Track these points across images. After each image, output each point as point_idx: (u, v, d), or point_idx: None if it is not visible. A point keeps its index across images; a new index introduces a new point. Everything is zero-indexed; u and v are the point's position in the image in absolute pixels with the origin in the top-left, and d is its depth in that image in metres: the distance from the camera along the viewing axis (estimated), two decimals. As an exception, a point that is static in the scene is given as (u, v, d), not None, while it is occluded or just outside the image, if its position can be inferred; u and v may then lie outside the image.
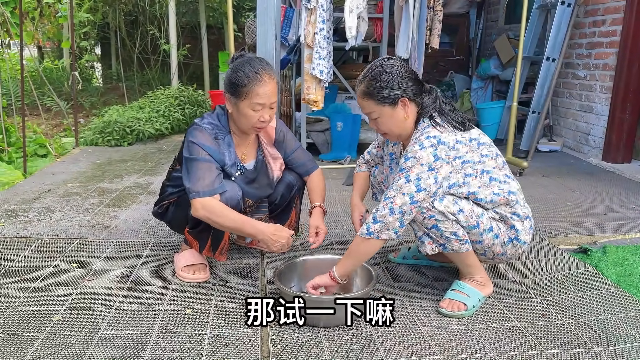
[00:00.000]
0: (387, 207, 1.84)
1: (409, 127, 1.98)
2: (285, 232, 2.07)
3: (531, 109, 5.01)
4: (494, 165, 1.94)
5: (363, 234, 1.89)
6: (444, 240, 1.92)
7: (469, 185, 1.90)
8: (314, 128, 4.83)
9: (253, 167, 2.29)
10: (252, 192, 2.30)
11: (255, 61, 2.08)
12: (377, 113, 1.96)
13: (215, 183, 2.06)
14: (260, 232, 2.04)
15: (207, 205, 2.00)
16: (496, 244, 1.96)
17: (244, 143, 2.26)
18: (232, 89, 2.07)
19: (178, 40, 7.37)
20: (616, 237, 2.77)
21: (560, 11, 4.78)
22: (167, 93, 6.37)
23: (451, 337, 1.83)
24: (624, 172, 4.25)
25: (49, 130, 5.94)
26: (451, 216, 1.86)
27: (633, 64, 4.34)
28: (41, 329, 1.83)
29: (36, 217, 3.02)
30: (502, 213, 1.96)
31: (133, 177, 4.02)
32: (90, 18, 7.31)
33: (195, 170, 2.05)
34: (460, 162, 1.87)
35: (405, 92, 1.92)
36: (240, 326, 1.87)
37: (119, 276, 2.28)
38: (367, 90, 1.95)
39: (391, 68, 1.93)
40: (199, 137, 2.09)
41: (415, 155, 1.84)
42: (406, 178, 1.83)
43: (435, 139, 1.85)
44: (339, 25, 4.66)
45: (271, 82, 2.06)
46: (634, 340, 1.80)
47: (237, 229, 2.06)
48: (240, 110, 2.07)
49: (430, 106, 1.95)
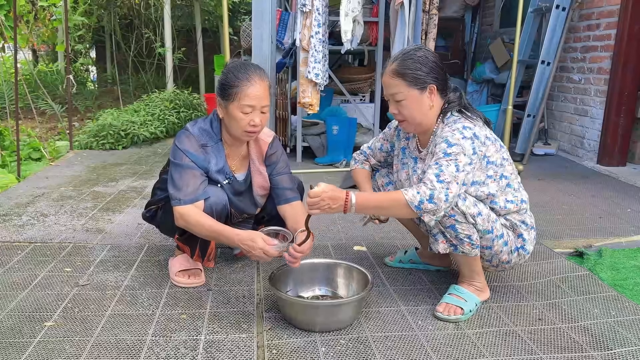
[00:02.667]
0: (443, 192, 1.75)
1: (430, 118, 1.95)
2: (259, 242, 1.88)
3: (526, 112, 5.02)
4: (511, 172, 1.95)
5: (412, 204, 1.76)
6: (457, 242, 1.90)
7: (488, 186, 1.90)
8: (310, 131, 4.82)
9: (243, 179, 2.24)
10: (236, 204, 2.23)
11: (246, 64, 2.06)
12: (403, 94, 1.91)
13: (199, 190, 2.03)
14: (232, 242, 1.94)
15: (185, 214, 1.99)
16: (504, 252, 1.96)
17: (235, 155, 2.21)
18: (222, 92, 2.04)
19: (173, 44, 7.36)
20: (612, 240, 2.77)
21: (555, 15, 4.80)
22: (162, 96, 6.36)
23: (448, 341, 1.82)
24: (619, 175, 4.26)
25: (43, 134, 5.91)
26: (470, 218, 1.85)
27: (627, 68, 4.36)
28: (34, 335, 1.81)
29: (30, 221, 3.00)
30: (512, 220, 1.96)
31: (127, 180, 4.00)
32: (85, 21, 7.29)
33: (179, 177, 2.03)
34: (485, 162, 1.88)
35: (435, 80, 1.90)
36: (236, 331, 1.86)
37: (113, 281, 2.26)
38: (399, 69, 1.90)
39: (427, 53, 1.92)
40: (184, 143, 2.07)
41: (459, 143, 1.81)
42: (456, 167, 1.78)
43: (471, 131, 1.84)
44: (334, 29, 4.66)
45: (261, 84, 2.02)
46: (630, 344, 1.80)
47: (214, 237, 2.03)
48: (230, 113, 2.03)
49: (456, 102, 1.95)
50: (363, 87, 5.19)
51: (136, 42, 8.05)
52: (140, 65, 8.29)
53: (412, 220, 2.29)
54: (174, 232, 2.20)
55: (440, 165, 1.80)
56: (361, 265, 2.12)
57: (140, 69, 8.27)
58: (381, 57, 4.76)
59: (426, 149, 2.00)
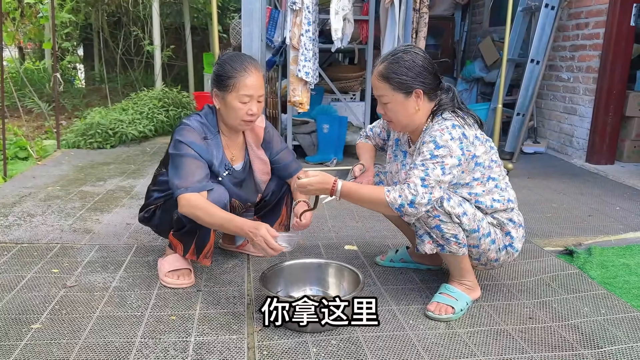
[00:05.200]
0: (426, 197, 1.78)
1: (417, 121, 1.94)
2: (261, 231, 1.86)
3: (516, 110, 5.04)
4: (499, 173, 1.95)
5: (392, 206, 1.80)
6: (443, 242, 1.90)
7: (473, 187, 1.90)
8: (300, 130, 4.81)
9: (241, 168, 2.27)
10: (238, 194, 2.27)
11: (241, 55, 2.12)
12: (388, 98, 1.92)
13: (204, 180, 2.04)
14: (240, 229, 1.92)
15: (193, 201, 1.97)
16: (492, 250, 1.96)
17: (233, 144, 2.24)
18: (219, 83, 2.07)
19: (162, 42, 7.30)
20: (601, 238, 2.78)
21: (544, 14, 4.82)
22: (150, 95, 6.30)
23: (439, 340, 1.82)
24: (608, 173, 4.29)
25: (30, 133, 5.84)
26: (455, 218, 1.85)
27: (616, 67, 4.39)
28: (20, 338, 1.78)
29: (16, 221, 2.95)
30: (500, 219, 1.96)
31: (116, 180, 3.96)
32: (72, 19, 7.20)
33: (184, 166, 2.02)
34: (473, 163, 1.88)
35: (422, 85, 1.89)
36: (226, 332, 1.84)
37: (102, 282, 2.23)
38: (385, 72, 1.90)
39: (414, 56, 1.90)
40: (187, 136, 2.07)
41: (447, 145, 1.81)
42: (442, 170, 1.79)
43: (460, 130, 1.84)
44: (324, 27, 4.64)
45: (257, 74, 2.06)
46: (620, 342, 1.81)
47: (220, 224, 1.99)
48: (228, 104, 2.06)
49: (448, 103, 1.94)
50: (353, 85, 5.17)
51: (124, 40, 7.97)
52: (129, 63, 8.21)
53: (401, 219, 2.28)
54: (170, 231, 2.18)
55: (427, 167, 1.80)
56: (352, 264, 2.12)
57: (128, 67, 8.19)
58: (371, 55, 4.75)
59: (415, 145, 2.00)
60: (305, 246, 2.66)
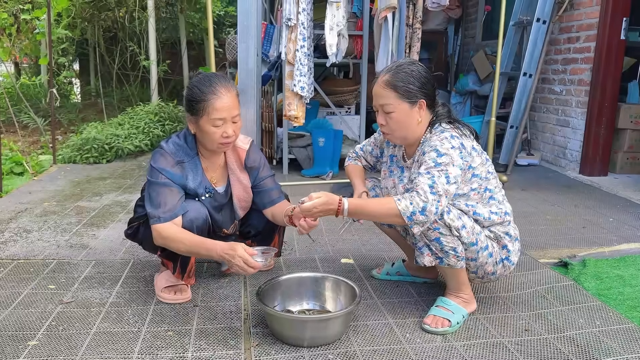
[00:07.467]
0: (434, 205, 1.78)
1: (417, 133, 1.97)
2: (239, 251, 1.84)
3: (509, 123, 5.09)
4: (495, 185, 1.98)
5: (404, 215, 1.77)
6: (442, 254, 1.92)
7: (469, 197, 1.92)
8: (296, 144, 4.83)
9: (224, 190, 2.23)
10: (216, 218, 2.22)
11: (209, 76, 2.03)
12: (393, 106, 1.92)
13: (177, 206, 2.01)
14: (213, 253, 1.90)
15: (163, 232, 1.97)
16: (489, 263, 1.98)
17: (214, 167, 2.20)
18: (189, 108, 2.02)
19: (158, 56, 7.34)
20: (595, 250, 2.80)
21: (536, 28, 4.89)
22: (146, 109, 6.32)
23: (436, 354, 1.82)
24: (601, 185, 4.33)
25: (26, 148, 5.84)
26: (455, 231, 1.87)
27: (607, 79, 4.44)
28: (17, 355, 1.77)
29: (12, 237, 2.95)
30: (496, 232, 1.98)
31: (112, 195, 3.96)
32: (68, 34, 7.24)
33: (156, 195, 2.01)
34: (470, 174, 1.90)
35: (425, 96, 1.92)
36: (223, 348, 1.84)
37: (98, 298, 2.23)
38: (392, 80, 1.91)
39: (420, 68, 1.94)
40: (159, 162, 2.04)
41: (448, 153, 1.83)
42: (447, 178, 1.80)
43: (459, 140, 1.87)
44: (319, 42, 4.69)
45: (228, 95, 1.99)
46: (615, 353, 1.82)
47: (194, 252, 1.99)
48: (201, 128, 2.01)
49: (444, 115, 1.98)
50: (348, 99, 5.22)
51: (120, 55, 8.01)
52: (125, 78, 8.24)
53: (398, 232, 2.30)
54: (156, 248, 2.18)
55: (432, 175, 1.81)
56: (349, 278, 2.13)
57: (124, 82, 8.22)
58: (366, 69, 4.80)
59: (412, 158, 2.02)
60: (302, 260, 2.67)
